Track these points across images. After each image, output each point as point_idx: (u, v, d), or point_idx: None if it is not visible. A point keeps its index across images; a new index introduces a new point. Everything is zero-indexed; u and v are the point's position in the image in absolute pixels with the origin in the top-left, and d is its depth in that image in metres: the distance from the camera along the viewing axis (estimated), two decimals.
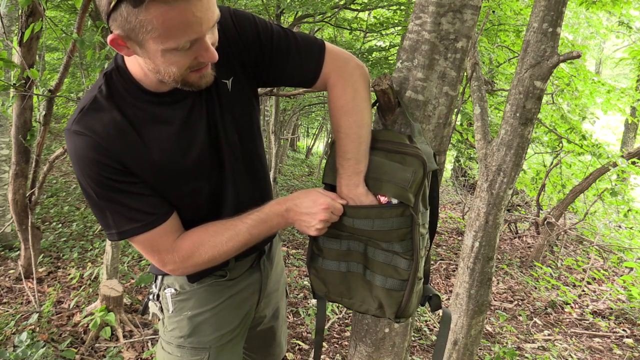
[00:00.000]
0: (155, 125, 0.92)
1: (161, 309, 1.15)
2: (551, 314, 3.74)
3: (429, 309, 1.47)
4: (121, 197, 0.90)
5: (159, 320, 1.18)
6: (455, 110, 1.73)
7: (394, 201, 0.95)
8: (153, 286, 1.17)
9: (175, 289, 1.12)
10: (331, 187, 1.04)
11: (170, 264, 0.97)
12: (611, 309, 3.86)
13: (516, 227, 6.25)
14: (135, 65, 0.89)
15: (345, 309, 3.29)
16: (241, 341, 1.23)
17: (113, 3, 0.73)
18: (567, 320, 3.66)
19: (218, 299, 1.14)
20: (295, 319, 3.10)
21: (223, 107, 1.00)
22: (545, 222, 4.86)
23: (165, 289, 1.13)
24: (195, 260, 0.97)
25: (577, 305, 3.94)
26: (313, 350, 1.23)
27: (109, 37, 0.78)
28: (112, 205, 0.90)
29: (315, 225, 0.95)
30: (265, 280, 1.25)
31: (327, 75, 1.01)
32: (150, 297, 1.18)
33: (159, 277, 1.15)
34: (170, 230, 0.96)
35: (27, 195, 2.90)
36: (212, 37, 0.84)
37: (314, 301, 3.35)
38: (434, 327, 3.20)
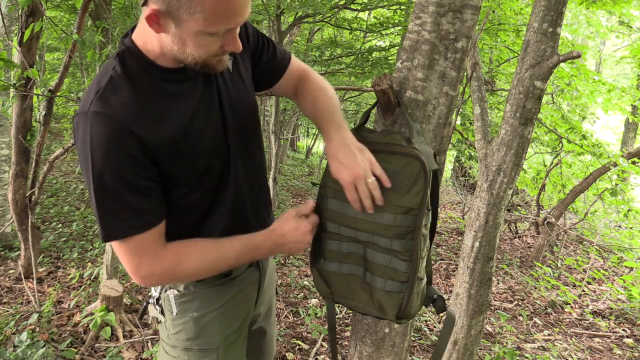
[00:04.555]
0: (170, 101, 0.94)
1: (162, 312, 1.13)
2: (551, 314, 3.74)
3: (432, 310, 1.47)
4: (128, 193, 0.88)
5: (158, 323, 1.16)
6: (455, 110, 1.73)
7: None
8: (152, 290, 1.15)
9: (179, 290, 1.10)
10: None
11: (146, 270, 0.93)
12: (611, 309, 3.86)
13: (516, 227, 6.24)
14: (152, 44, 0.91)
15: (345, 308, 3.28)
16: (245, 340, 1.23)
17: None
18: (567, 320, 3.66)
19: (222, 298, 1.13)
20: (295, 319, 3.09)
21: (228, 85, 1.05)
22: (545, 222, 4.86)
23: (167, 290, 1.11)
24: (177, 272, 0.96)
25: (577, 305, 3.94)
26: (329, 347, 1.24)
27: (147, 12, 0.80)
28: (114, 202, 0.88)
29: (305, 246, 1.04)
30: (263, 276, 1.26)
31: (297, 70, 1.19)
32: (150, 300, 1.16)
33: None
34: (159, 235, 0.95)
35: (27, 195, 2.90)
36: (239, 29, 0.90)
37: (314, 301, 3.35)
38: (434, 327, 3.20)
